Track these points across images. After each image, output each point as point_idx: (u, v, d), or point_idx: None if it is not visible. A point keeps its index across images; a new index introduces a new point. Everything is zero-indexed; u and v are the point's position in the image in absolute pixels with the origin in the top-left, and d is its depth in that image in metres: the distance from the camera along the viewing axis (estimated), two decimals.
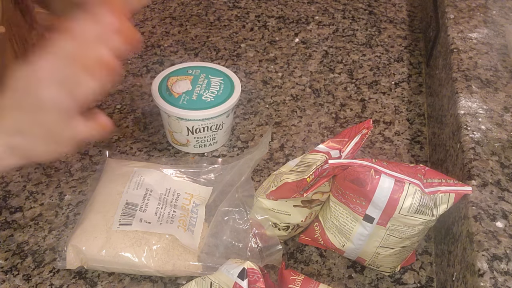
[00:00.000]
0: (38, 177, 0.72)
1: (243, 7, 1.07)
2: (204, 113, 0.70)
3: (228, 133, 0.77)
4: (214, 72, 0.77)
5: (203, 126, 0.72)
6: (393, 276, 0.61)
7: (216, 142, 0.75)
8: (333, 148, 0.61)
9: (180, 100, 0.72)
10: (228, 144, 0.77)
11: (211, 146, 0.75)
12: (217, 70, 0.77)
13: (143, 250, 0.58)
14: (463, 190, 0.54)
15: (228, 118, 0.74)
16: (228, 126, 0.75)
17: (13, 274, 0.61)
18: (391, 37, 0.99)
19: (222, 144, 0.77)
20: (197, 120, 0.71)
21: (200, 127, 0.72)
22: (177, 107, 0.71)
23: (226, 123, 0.74)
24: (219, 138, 0.75)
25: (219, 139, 0.76)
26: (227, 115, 0.73)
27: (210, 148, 0.76)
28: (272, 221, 0.61)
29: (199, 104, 0.71)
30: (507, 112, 0.64)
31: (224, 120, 0.73)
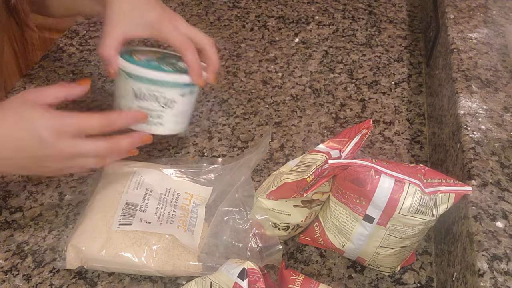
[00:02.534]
0: (38, 177, 0.72)
1: (243, 7, 1.07)
2: (155, 73, 0.62)
3: (180, 121, 0.67)
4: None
5: (150, 93, 0.63)
6: (393, 276, 0.61)
7: (162, 123, 0.65)
8: (333, 148, 0.61)
9: (137, 61, 0.64)
10: (228, 144, 0.77)
11: (155, 126, 0.65)
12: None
13: (143, 250, 0.58)
14: (463, 190, 0.54)
15: (183, 99, 0.65)
16: (181, 110, 0.66)
17: (13, 274, 0.61)
18: (391, 37, 0.99)
19: (170, 131, 0.67)
20: (145, 81, 0.62)
21: (147, 92, 0.63)
22: (129, 62, 0.63)
23: (178, 103, 0.65)
24: (167, 119, 0.65)
25: (167, 122, 0.65)
26: (181, 93, 0.64)
27: (155, 130, 0.65)
28: (272, 221, 0.61)
29: (155, 68, 0.63)
30: (507, 112, 0.64)
31: (177, 98, 0.64)
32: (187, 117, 0.69)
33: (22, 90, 0.85)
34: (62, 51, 0.94)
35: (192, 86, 0.65)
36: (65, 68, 0.90)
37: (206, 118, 0.82)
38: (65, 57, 0.93)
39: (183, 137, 0.78)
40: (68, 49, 0.95)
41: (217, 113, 0.82)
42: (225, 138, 0.78)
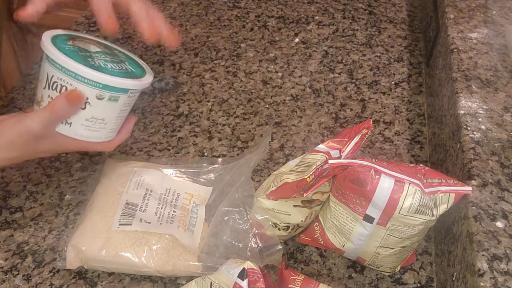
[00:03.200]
0: (38, 177, 0.72)
1: (243, 7, 1.07)
2: (68, 61, 0.52)
3: (95, 128, 0.57)
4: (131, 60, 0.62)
5: (62, 84, 0.54)
6: (393, 276, 0.61)
7: (69, 124, 0.56)
8: (333, 148, 0.61)
9: (63, 46, 0.55)
10: (228, 144, 0.77)
11: (62, 125, 0.56)
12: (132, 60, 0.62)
13: (143, 250, 0.58)
14: (463, 190, 0.54)
15: (99, 102, 0.55)
16: (95, 115, 0.56)
17: (13, 274, 0.61)
18: (391, 37, 0.99)
19: (79, 136, 0.57)
20: (58, 67, 0.53)
21: (58, 82, 0.54)
22: (53, 46, 0.54)
23: (93, 106, 0.55)
24: (75, 121, 0.56)
25: (75, 125, 0.56)
26: (98, 94, 0.54)
27: (61, 128, 0.56)
28: (272, 221, 0.61)
29: (79, 59, 0.54)
30: (507, 112, 0.64)
31: (92, 100, 0.55)
32: (107, 127, 0.58)
33: (22, 90, 0.85)
34: None
35: (115, 90, 0.55)
36: None
37: (206, 118, 0.82)
38: None
39: (183, 137, 0.78)
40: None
41: (217, 113, 0.82)
42: (225, 138, 0.78)
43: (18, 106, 0.82)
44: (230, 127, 0.80)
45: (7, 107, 0.82)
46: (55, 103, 0.54)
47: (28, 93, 0.85)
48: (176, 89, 0.87)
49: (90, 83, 0.54)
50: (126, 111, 0.60)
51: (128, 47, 0.57)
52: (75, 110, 0.55)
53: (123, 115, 0.60)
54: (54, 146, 0.58)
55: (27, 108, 0.82)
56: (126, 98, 0.57)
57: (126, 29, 1.00)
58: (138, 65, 0.61)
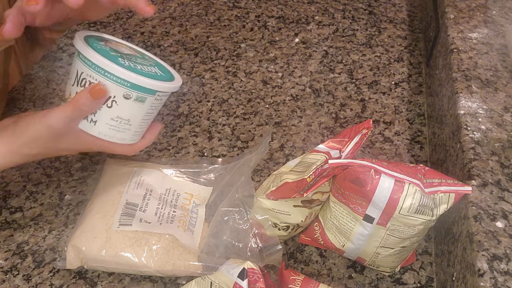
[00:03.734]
0: (38, 177, 0.72)
1: (243, 7, 1.07)
2: (99, 58, 0.53)
3: (119, 128, 0.57)
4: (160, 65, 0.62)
5: (91, 81, 0.54)
6: (393, 276, 0.61)
7: (94, 122, 0.56)
8: (333, 148, 0.61)
9: (97, 46, 0.55)
10: (228, 144, 0.77)
11: (86, 122, 0.56)
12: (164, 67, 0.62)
13: (143, 250, 0.58)
14: (463, 190, 0.54)
15: (126, 102, 0.55)
16: (121, 115, 0.56)
17: (13, 274, 0.61)
18: (391, 37, 0.99)
19: (102, 135, 0.57)
20: (89, 64, 0.53)
21: (88, 79, 0.54)
22: (85, 43, 0.54)
23: (119, 105, 0.55)
24: (101, 120, 0.56)
25: (100, 123, 0.56)
26: (126, 93, 0.54)
27: (85, 125, 0.56)
28: (272, 221, 0.61)
29: (111, 58, 0.54)
30: (507, 112, 0.64)
31: (119, 99, 0.54)
32: (132, 128, 0.58)
33: (22, 90, 0.85)
34: (62, 51, 0.94)
35: (142, 91, 0.55)
36: (65, 68, 0.90)
37: (206, 118, 0.82)
38: (65, 57, 0.93)
39: (183, 137, 0.78)
40: (68, 49, 0.95)
41: (217, 113, 0.82)
42: (225, 138, 0.78)
43: (18, 106, 0.82)
44: (230, 127, 0.80)
45: (7, 107, 0.82)
46: (79, 97, 0.53)
47: (28, 93, 0.85)
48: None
49: (119, 81, 0.53)
50: (152, 114, 0.59)
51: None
52: (98, 105, 0.54)
53: (149, 118, 0.59)
54: (76, 144, 0.57)
55: (27, 108, 0.82)
56: (153, 100, 0.57)
57: (126, 29, 1.00)
58: (168, 71, 0.61)
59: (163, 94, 0.58)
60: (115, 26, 1.01)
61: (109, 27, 1.00)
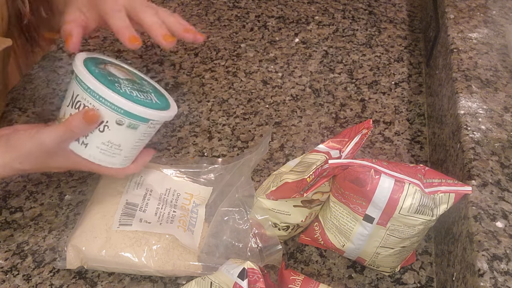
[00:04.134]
0: (38, 177, 0.72)
1: (243, 7, 1.07)
2: (95, 83, 0.53)
3: (109, 153, 0.58)
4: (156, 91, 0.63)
5: (85, 104, 0.55)
6: (393, 276, 0.61)
7: (85, 144, 0.57)
8: (333, 148, 0.61)
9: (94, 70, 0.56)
10: (228, 144, 0.77)
11: (78, 144, 0.57)
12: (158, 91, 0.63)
13: (143, 250, 0.58)
14: (463, 190, 0.54)
15: (118, 128, 0.56)
16: (112, 140, 0.57)
17: (13, 274, 0.61)
18: (391, 37, 0.99)
19: (92, 158, 0.57)
20: (84, 88, 0.54)
21: (82, 102, 0.55)
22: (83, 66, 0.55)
23: (111, 131, 0.56)
24: (92, 143, 0.56)
25: (91, 147, 0.57)
26: (118, 119, 0.55)
27: (76, 147, 0.57)
28: (272, 221, 0.61)
29: (107, 83, 0.55)
30: (507, 112, 0.64)
31: (111, 124, 0.55)
32: (122, 154, 0.58)
33: (22, 90, 0.85)
34: (62, 51, 0.94)
35: (135, 118, 0.56)
36: (65, 68, 0.90)
37: (206, 118, 0.82)
38: (65, 57, 0.93)
39: (183, 137, 0.78)
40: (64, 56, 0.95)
41: (217, 113, 0.82)
42: (225, 138, 0.78)
43: (18, 106, 0.82)
44: (230, 127, 0.80)
45: (7, 107, 0.82)
46: (72, 119, 0.55)
47: (28, 93, 0.85)
48: (176, 89, 0.87)
49: (112, 107, 0.54)
50: (144, 141, 0.60)
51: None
52: (90, 129, 0.56)
53: (141, 145, 0.60)
54: (66, 163, 0.59)
55: (27, 108, 0.82)
56: (146, 128, 0.58)
57: None
58: (165, 98, 0.62)
59: (156, 122, 0.59)
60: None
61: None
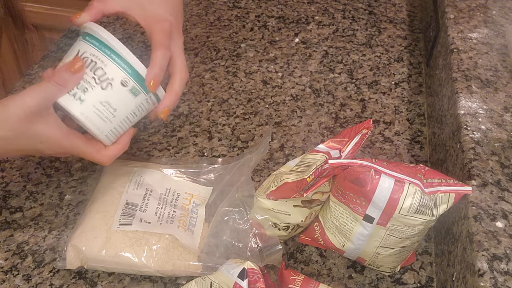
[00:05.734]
0: (38, 177, 0.72)
1: (243, 7, 1.07)
2: (110, 36, 0.53)
3: (103, 115, 0.55)
4: None
5: (92, 59, 0.54)
6: (393, 276, 0.61)
7: (82, 100, 0.54)
8: (333, 148, 0.61)
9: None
10: (228, 144, 0.77)
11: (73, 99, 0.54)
12: None
13: (143, 250, 0.58)
14: (463, 190, 0.54)
15: (121, 90, 0.55)
16: (111, 100, 0.55)
17: (13, 274, 0.61)
18: (391, 37, 0.99)
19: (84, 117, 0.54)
20: (96, 42, 0.54)
21: (90, 57, 0.54)
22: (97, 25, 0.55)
23: (114, 90, 0.54)
24: (90, 99, 0.54)
25: (88, 103, 0.54)
26: (124, 79, 0.54)
27: (71, 103, 0.54)
28: (272, 221, 0.61)
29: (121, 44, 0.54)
30: (507, 112, 0.64)
31: (116, 83, 0.54)
32: (114, 121, 0.56)
33: (22, 90, 0.85)
34: (62, 51, 0.94)
35: (140, 82, 0.55)
36: None
37: (206, 118, 0.82)
38: None
39: (183, 137, 0.78)
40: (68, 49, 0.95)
41: (217, 113, 0.82)
42: (225, 138, 0.78)
43: None
44: (230, 127, 0.80)
45: None
46: (56, 72, 0.52)
47: None
48: None
49: (122, 65, 0.54)
50: (135, 117, 0.59)
51: (128, 47, 0.56)
52: (76, 81, 0.53)
53: (131, 121, 0.59)
54: (47, 134, 0.53)
55: None
56: (143, 100, 0.57)
57: (126, 29, 1.00)
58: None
59: (152, 100, 0.58)
60: (115, 26, 1.01)
61: (109, 27, 1.00)
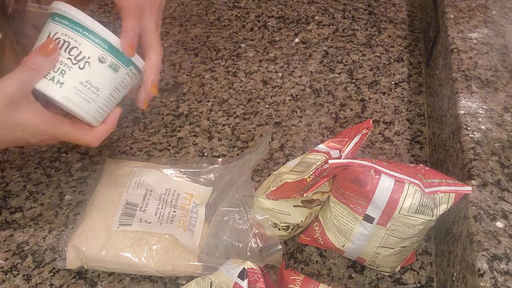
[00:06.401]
0: (38, 177, 0.72)
1: (243, 7, 1.07)
2: (81, 14, 0.51)
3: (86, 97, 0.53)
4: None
5: (65, 39, 0.51)
6: (393, 276, 0.61)
7: (61, 83, 0.52)
8: (333, 148, 0.61)
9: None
10: (228, 144, 0.77)
11: (52, 83, 0.52)
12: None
13: (143, 250, 0.58)
14: (463, 190, 0.54)
15: (100, 66, 0.52)
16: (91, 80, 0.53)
17: (13, 274, 0.61)
18: (391, 37, 0.99)
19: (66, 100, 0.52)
20: (66, 21, 0.51)
21: (62, 38, 0.51)
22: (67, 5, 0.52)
23: (92, 68, 0.52)
24: (69, 81, 0.52)
25: (67, 85, 0.52)
26: (102, 56, 0.52)
27: (49, 87, 0.52)
28: (272, 221, 0.61)
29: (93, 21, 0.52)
30: (507, 112, 0.64)
31: (93, 60, 0.52)
32: (98, 100, 0.54)
33: None
34: None
35: (118, 57, 0.53)
36: None
37: (206, 118, 0.82)
38: None
39: (183, 137, 0.78)
40: None
41: (217, 113, 0.82)
42: (225, 138, 0.78)
43: None
44: (230, 127, 0.80)
45: None
46: (29, 57, 0.51)
47: None
48: (176, 89, 0.87)
49: (97, 41, 0.52)
50: (119, 92, 0.56)
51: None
52: (51, 64, 0.51)
53: (115, 98, 0.56)
54: (32, 119, 0.51)
55: None
56: (125, 75, 0.55)
57: None
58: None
59: (134, 73, 0.56)
60: (115, 26, 1.01)
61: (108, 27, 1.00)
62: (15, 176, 0.72)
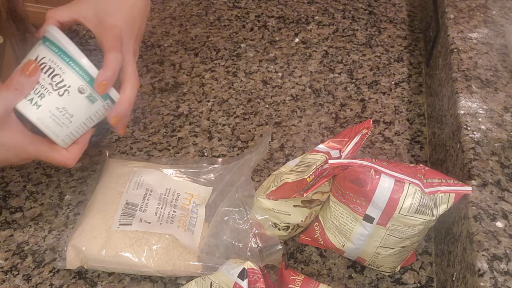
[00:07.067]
0: (38, 177, 0.72)
1: (243, 7, 1.07)
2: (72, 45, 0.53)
3: (59, 121, 0.55)
4: None
5: (50, 65, 0.53)
6: (393, 276, 0.61)
7: (38, 105, 0.53)
8: (333, 148, 0.61)
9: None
10: (228, 144, 0.77)
11: (29, 104, 0.53)
12: None
13: (143, 250, 0.58)
14: (463, 190, 0.54)
15: (78, 96, 0.54)
16: (67, 107, 0.55)
17: (13, 274, 0.61)
18: (391, 37, 0.99)
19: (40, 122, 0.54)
20: (56, 49, 0.54)
21: (48, 63, 0.54)
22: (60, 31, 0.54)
23: (71, 96, 0.54)
24: (46, 104, 0.54)
25: (44, 109, 0.54)
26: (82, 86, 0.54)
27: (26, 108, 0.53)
28: (272, 221, 0.61)
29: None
30: (507, 112, 0.64)
31: (73, 90, 0.54)
32: (70, 127, 0.56)
33: None
34: None
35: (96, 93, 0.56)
36: None
37: (206, 118, 0.82)
38: None
39: (183, 137, 0.78)
40: None
41: (217, 113, 0.82)
42: (225, 138, 0.78)
43: None
44: (230, 127, 0.80)
45: None
46: (12, 77, 0.52)
47: None
48: (176, 89, 0.87)
49: (80, 73, 0.54)
50: (92, 122, 0.58)
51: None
52: (32, 84, 0.53)
53: (87, 126, 0.58)
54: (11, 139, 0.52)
55: None
56: (101, 107, 0.57)
57: None
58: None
59: (110, 106, 0.58)
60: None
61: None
62: (15, 176, 0.72)
